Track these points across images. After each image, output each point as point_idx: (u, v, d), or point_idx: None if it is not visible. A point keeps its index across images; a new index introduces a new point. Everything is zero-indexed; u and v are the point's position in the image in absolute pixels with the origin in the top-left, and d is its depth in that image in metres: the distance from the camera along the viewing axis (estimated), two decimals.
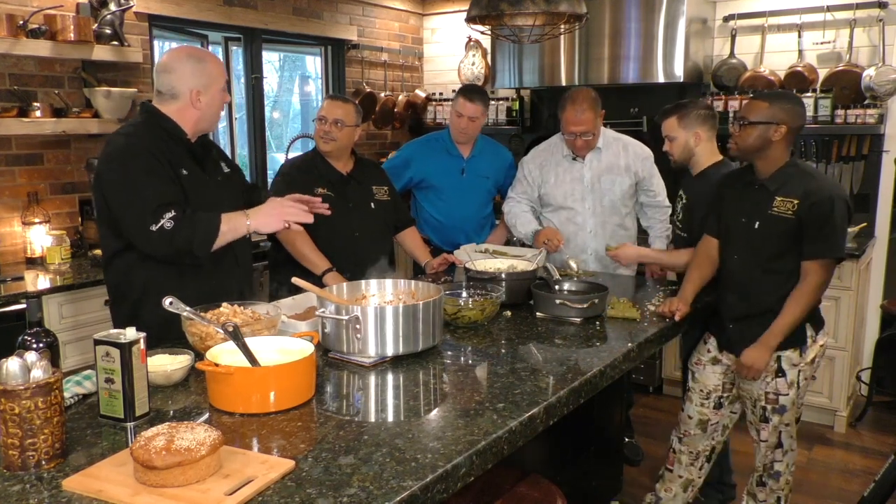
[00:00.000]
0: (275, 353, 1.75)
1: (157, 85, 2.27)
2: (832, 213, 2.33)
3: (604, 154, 3.27)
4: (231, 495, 1.22)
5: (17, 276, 3.22)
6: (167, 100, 2.25)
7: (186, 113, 2.25)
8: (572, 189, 3.29)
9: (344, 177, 3.09)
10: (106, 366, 1.53)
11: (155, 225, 2.06)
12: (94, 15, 3.53)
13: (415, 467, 1.34)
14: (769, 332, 2.43)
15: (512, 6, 2.66)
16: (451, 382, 1.87)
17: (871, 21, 4.04)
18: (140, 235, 2.10)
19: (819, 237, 2.35)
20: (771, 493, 2.62)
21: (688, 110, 2.84)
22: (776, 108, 2.38)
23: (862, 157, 4.13)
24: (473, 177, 3.61)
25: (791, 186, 2.39)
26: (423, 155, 3.63)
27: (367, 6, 5.25)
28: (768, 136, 2.38)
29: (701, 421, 2.73)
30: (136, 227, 2.10)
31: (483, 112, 3.52)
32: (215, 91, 2.28)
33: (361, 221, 3.06)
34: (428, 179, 3.60)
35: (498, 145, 3.81)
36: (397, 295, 2.23)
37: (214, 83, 2.27)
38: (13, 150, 3.45)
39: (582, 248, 3.30)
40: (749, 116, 2.41)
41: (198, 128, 2.31)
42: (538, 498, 1.92)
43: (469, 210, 3.65)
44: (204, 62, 2.27)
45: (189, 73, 2.23)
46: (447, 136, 3.63)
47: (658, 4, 4.22)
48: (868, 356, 4.22)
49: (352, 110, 3.05)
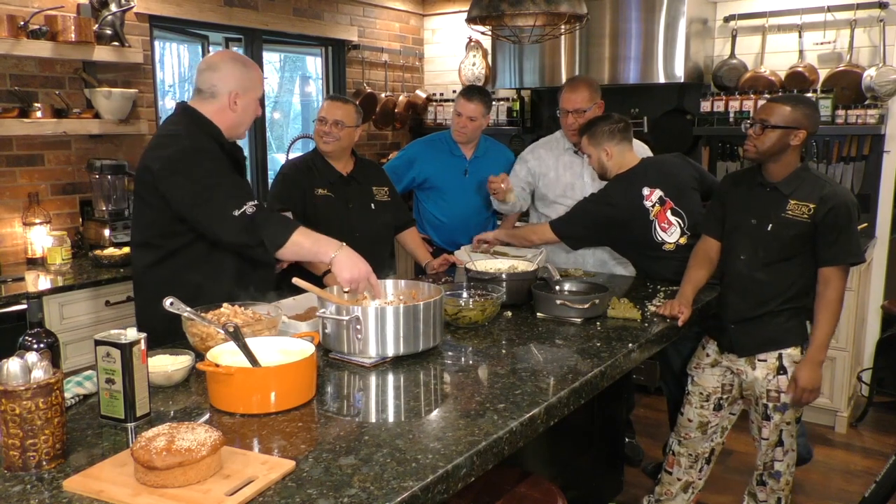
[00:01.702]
0: (275, 353, 1.75)
1: (199, 83, 2.26)
2: (849, 219, 2.35)
3: None
4: (232, 496, 1.22)
5: (17, 277, 3.22)
6: (206, 99, 2.24)
7: (223, 114, 2.25)
8: (571, 183, 3.29)
9: (344, 177, 3.09)
10: (107, 366, 1.53)
11: (238, 210, 2.05)
12: (95, 16, 3.53)
13: (415, 468, 1.34)
14: (813, 348, 2.44)
15: (512, 6, 2.66)
16: (451, 383, 1.87)
17: (871, 21, 4.04)
18: (219, 220, 2.07)
19: (837, 243, 2.36)
20: (771, 493, 2.62)
21: (596, 128, 2.91)
22: (798, 112, 2.38)
23: (863, 158, 4.13)
24: (476, 177, 3.61)
25: (806, 191, 2.40)
26: (426, 155, 3.63)
27: (368, 7, 5.26)
28: (787, 140, 2.38)
29: (701, 423, 2.73)
30: (217, 213, 2.06)
31: (483, 113, 3.51)
32: (252, 98, 2.29)
33: (362, 222, 3.06)
34: (431, 179, 3.60)
35: (501, 146, 3.82)
36: (398, 295, 2.23)
37: (252, 90, 2.29)
38: (14, 150, 3.46)
39: None
40: (771, 120, 2.39)
41: (230, 132, 2.30)
42: (539, 498, 1.92)
43: (471, 210, 3.65)
44: (248, 68, 2.30)
45: (232, 75, 2.24)
46: (450, 137, 3.63)
47: (658, 5, 4.23)
48: (869, 356, 4.22)
49: (352, 111, 3.05)
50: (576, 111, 3.18)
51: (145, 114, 3.84)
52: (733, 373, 2.65)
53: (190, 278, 2.20)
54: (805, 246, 2.41)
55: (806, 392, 2.45)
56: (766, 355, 2.53)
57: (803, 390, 2.45)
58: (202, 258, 2.22)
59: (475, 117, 3.49)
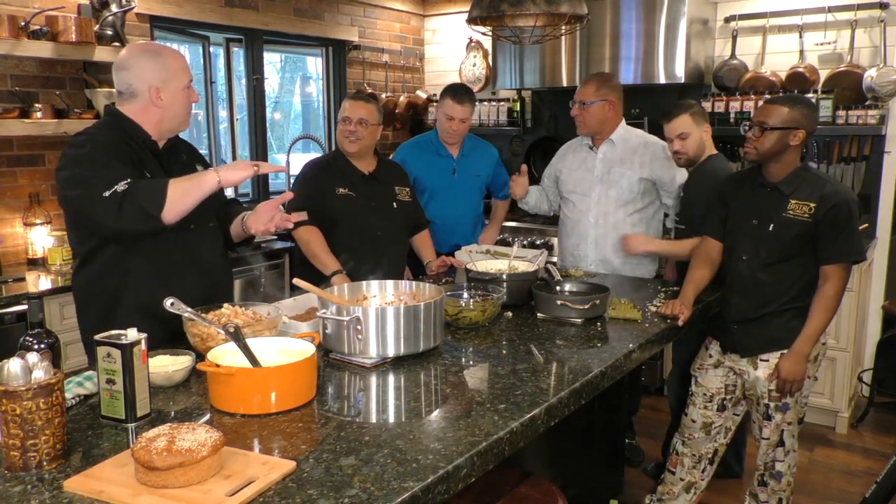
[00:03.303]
0: (276, 353, 1.75)
1: (116, 84, 2.14)
2: (850, 218, 2.36)
3: (618, 147, 3.27)
4: (232, 496, 1.22)
5: (18, 277, 3.22)
6: (127, 100, 2.12)
7: (148, 112, 2.12)
8: (582, 177, 3.31)
9: (366, 176, 3.09)
10: (107, 367, 1.53)
11: (108, 191, 1.90)
12: (96, 16, 3.53)
13: (416, 468, 1.34)
14: (801, 340, 2.44)
15: (513, 7, 2.66)
16: (452, 383, 1.87)
17: (872, 22, 4.04)
18: (92, 204, 1.92)
19: (838, 241, 2.37)
20: (773, 493, 2.62)
21: (696, 108, 2.90)
22: (796, 112, 2.38)
23: (863, 158, 4.13)
24: (465, 175, 3.62)
25: (806, 190, 2.40)
26: (414, 157, 3.63)
27: (368, 7, 5.26)
28: (787, 140, 2.39)
29: (705, 424, 2.73)
30: (89, 197, 1.92)
31: (472, 113, 3.54)
32: (177, 87, 2.12)
33: (384, 221, 3.07)
34: (421, 181, 3.59)
35: (485, 143, 3.82)
36: (398, 296, 2.23)
37: (174, 78, 2.12)
38: (14, 150, 3.46)
39: (583, 236, 3.31)
40: (769, 121, 2.40)
41: (162, 128, 2.16)
42: (539, 499, 1.92)
43: (462, 209, 3.65)
44: (161, 56, 2.12)
45: (146, 69, 2.09)
46: (435, 137, 3.63)
47: (659, 5, 4.22)
48: (869, 357, 4.21)
49: (374, 109, 3.06)
50: (580, 102, 3.21)
51: None
52: (736, 373, 2.65)
53: (106, 284, 2.13)
54: (806, 246, 2.42)
55: (788, 383, 2.46)
56: (768, 355, 2.53)
57: (784, 381, 2.46)
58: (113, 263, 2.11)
59: (466, 119, 3.50)
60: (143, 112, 2.12)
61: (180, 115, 2.18)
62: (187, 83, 2.16)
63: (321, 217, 2.96)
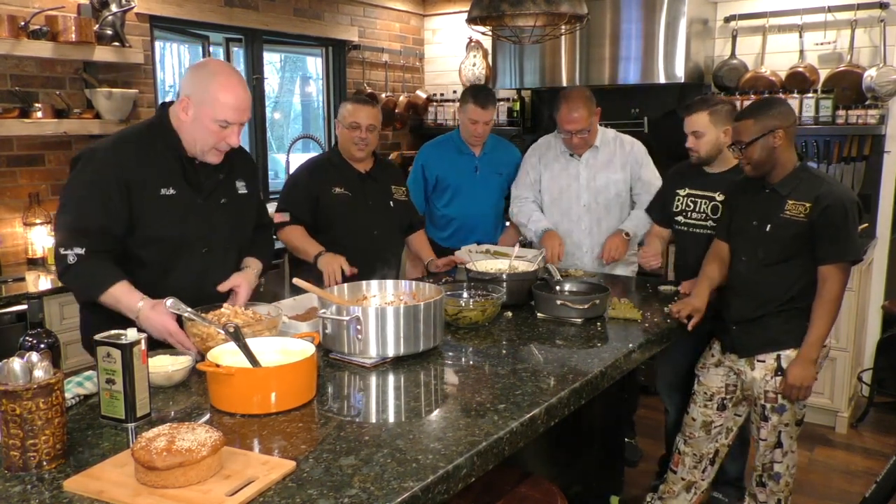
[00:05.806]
0: (276, 353, 1.75)
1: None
2: (846, 217, 2.35)
3: (601, 152, 3.27)
4: (232, 496, 1.22)
5: (18, 277, 3.22)
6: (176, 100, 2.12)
7: (178, 120, 2.09)
8: (568, 185, 3.29)
9: (363, 175, 3.10)
10: (107, 367, 1.53)
11: (64, 249, 1.97)
12: (96, 16, 3.53)
13: (416, 468, 1.34)
14: (807, 346, 2.43)
15: (513, 7, 2.66)
16: (451, 383, 1.87)
17: (872, 21, 4.04)
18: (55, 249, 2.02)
19: (835, 241, 2.36)
20: (771, 494, 2.62)
21: (719, 107, 2.78)
22: (763, 118, 2.41)
23: (863, 158, 4.13)
24: (487, 173, 3.62)
25: (802, 190, 2.41)
26: (435, 156, 3.65)
27: (368, 7, 5.26)
28: (770, 144, 2.40)
29: (705, 423, 2.73)
30: (55, 233, 2.04)
31: (494, 114, 3.56)
32: (207, 114, 2.02)
33: (380, 220, 3.08)
34: (443, 179, 3.61)
35: (506, 142, 3.85)
36: (398, 296, 2.23)
37: (210, 105, 2.01)
38: (14, 150, 3.46)
39: (577, 245, 3.30)
40: (742, 138, 2.43)
41: (187, 144, 2.10)
42: (539, 498, 1.92)
43: (485, 207, 3.66)
44: (214, 79, 2.03)
45: (193, 80, 2.07)
46: (457, 137, 3.65)
47: (659, 5, 4.22)
48: (869, 357, 4.21)
49: (378, 112, 3.07)
50: (580, 132, 3.15)
51: (146, 114, 3.83)
52: (735, 373, 2.65)
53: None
54: (804, 246, 2.42)
55: (796, 389, 2.45)
56: (766, 356, 2.53)
57: (792, 387, 2.46)
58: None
59: (489, 122, 3.52)
60: (176, 118, 2.10)
61: (198, 143, 2.08)
62: (223, 120, 2.03)
63: (310, 221, 2.99)
